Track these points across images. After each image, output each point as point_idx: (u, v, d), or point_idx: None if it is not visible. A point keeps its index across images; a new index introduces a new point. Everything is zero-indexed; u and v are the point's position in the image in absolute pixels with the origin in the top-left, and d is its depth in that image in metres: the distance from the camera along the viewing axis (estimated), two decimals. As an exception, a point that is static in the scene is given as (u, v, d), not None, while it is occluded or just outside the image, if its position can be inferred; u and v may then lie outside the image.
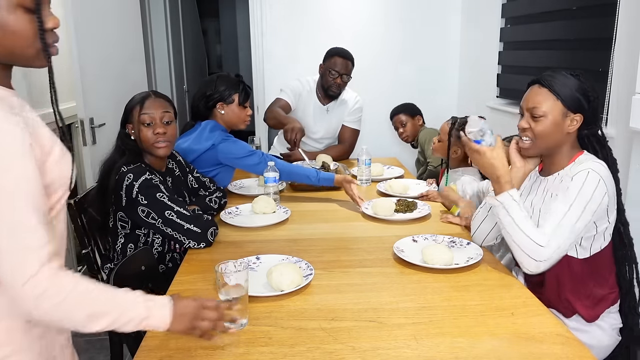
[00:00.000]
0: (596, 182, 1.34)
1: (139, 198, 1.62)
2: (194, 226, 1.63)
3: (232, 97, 2.18)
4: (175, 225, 1.62)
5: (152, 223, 1.63)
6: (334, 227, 1.90)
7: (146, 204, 1.62)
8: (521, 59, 2.88)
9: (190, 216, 1.64)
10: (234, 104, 2.20)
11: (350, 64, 2.81)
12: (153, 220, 1.63)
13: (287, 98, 2.83)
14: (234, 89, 2.19)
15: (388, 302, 1.31)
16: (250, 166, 2.17)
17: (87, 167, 2.55)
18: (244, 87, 2.22)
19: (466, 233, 1.77)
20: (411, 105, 3.06)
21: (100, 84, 2.67)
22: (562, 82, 1.40)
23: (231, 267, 1.21)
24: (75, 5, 2.40)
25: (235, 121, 2.23)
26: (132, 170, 1.65)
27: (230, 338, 1.15)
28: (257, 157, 2.16)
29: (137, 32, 3.29)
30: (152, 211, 1.62)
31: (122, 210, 1.68)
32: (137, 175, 1.64)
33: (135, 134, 1.72)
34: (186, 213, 1.64)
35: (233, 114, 2.21)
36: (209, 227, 1.67)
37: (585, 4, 2.30)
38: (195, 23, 6.13)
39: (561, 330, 1.17)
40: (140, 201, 1.62)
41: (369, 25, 3.61)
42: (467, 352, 1.09)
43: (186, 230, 1.63)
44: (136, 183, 1.62)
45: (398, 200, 2.01)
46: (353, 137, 3.00)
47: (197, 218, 1.66)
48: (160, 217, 1.62)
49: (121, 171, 1.64)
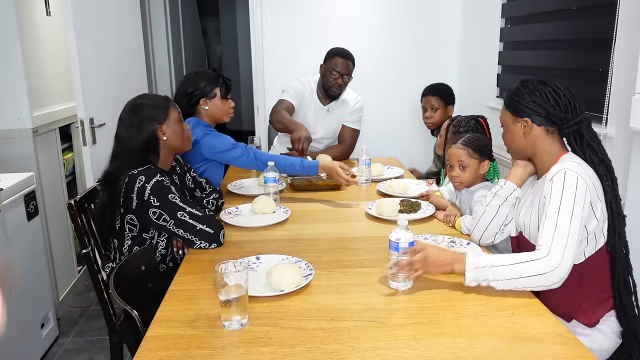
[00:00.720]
0: (574, 179, 1.34)
1: (151, 200, 1.62)
2: (206, 227, 1.64)
3: (214, 92, 2.20)
4: (187, 226, 1.62)
5: (163, 225, 1.63)
6: (334, 227, 1.90)
7: (158, 206, 1.63)
8: (521, 59, 2.88)
9: (202, 217, 1.65)
10: (217, 97, 2.21)
11: (350, 64, 2.81)
12: (164, 222, 1.63)
13: (290, 99, 2.83)
14: (215, 83, 2.21)
15: (388, 302, 1.31)
16: (233, 159, 2.18)
17: (87, 167, 2.55)
18: (223, 80, 2.24)
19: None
20: (449, 90, 2.88)
21: (100, 84, 2.67)
22: (512, 91, 1.50)
23: (231, 267, 1.21)
24: (75, 5, 2.40)
25: (220, 115, 2.25)
26: (143, 172, 1.65)
27: (230, 338, 1.15)
28: (240, 150, 2.17)
29: (137, 32, 3.29)
30: (164, 213, 1.63)
31: (132, 213, 1.68)
32: (149, 177, 1.64)
33: (170, 133, 1.76)
34: (198, 214, 1.65)
35: (217, 108, 2.22)
36: (221, 228, 1.68)
37: (585, 4, 2.30)
38: (195, 23, 6.13)
39: (561, 330, 1.17)
40: (152, 203, 1.62)
41: (369, 25, 3.61)
42: (467, 352, 1.09)
43: (198, 231, 1.63)
44: (148, 185, 1.63)
45: (402, 201, 2.01)
46: (353, 137, 3.00)
47: (209, 218, 1.67)
48: (172, 219, 1.62)
49: (131, 174, 1.64)
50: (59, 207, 2.88)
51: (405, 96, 3.71)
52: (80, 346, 2.57)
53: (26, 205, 2.36)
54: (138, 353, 1.10)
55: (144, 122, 1.72)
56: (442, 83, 2.92)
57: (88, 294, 3.09)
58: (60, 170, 2.96)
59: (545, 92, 1.44)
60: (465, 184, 1.88)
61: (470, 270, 1.33)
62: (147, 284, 1.61)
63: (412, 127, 3.70)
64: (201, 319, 1.23)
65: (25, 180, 2.37)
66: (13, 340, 2.19)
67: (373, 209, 1.99)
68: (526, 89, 1.46)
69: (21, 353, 2.26)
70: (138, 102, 1.78)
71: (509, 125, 1.52)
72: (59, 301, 2.83)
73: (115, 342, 1.70)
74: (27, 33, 2.62)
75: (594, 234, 1.41)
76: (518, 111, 1.47)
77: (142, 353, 1.10)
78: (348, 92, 2.97)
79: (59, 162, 2.95)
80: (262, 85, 3.66)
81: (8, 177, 2.31)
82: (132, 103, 1.78)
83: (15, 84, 2.52)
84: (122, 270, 1.51)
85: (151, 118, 1.73)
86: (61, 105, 2.95)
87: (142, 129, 1.71)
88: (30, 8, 2.68)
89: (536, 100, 1.44)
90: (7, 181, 2.25)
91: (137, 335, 1.31)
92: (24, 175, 2.38)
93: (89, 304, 3.00)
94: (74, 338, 2.64)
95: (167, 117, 1.76)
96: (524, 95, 1.46)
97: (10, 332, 2.17)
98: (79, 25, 2.43)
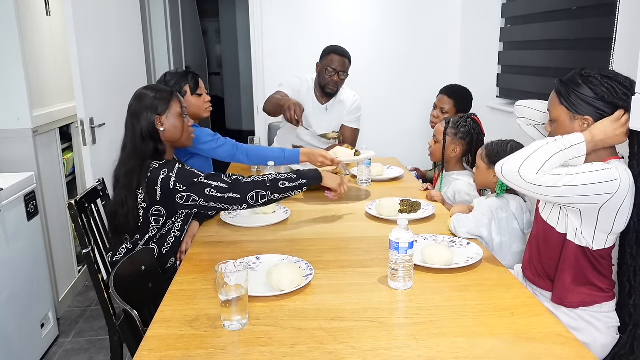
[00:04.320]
0: (607, 175, 1.32)
1: (177, 187, 1.67)
2: (232, 193, 1.68)
3: (183, 90, 2.20)
4: (216, 198, 1.68)
5: (192, 205, 1.69)
6: (334, 227, 1.90)
7: (185, 189, 1.67)
8: (521, 59, 2.88)
9: (227, 187, 1.68)
10: (187, 95, 2.20)
11: (347, 61, 2.81)
12: (194, 202, 1.69)
13: (285, 91, 2.83)
14: (183, 80, 2.20)
15: (388, 302, 1.31)
16: (213, 149, 2.20)
17: (87, 167, 2.55)
18: (193, 76, 2.23)
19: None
20: (466, 98, 2.74)
21: (100, 84, 2.67)
22: (572, 85, 1.42)
23: (231, 267, 1.21)
24: (75, 6, 2.40)
25: (196, 111, 2.24)
26: (163, 165, 1.70)
27: (230, 338, 1.15)
28: (221, 141, 2.20)
29: (137, 32, 3.29)
30: (192, 194, 1.68)
31: (157, 204, 1.72)
32: (171, 167, 1.70)
33: (168, 125, 1.77)
34: (223, 186, 1.68)
35: (191, 105, 2.21)
36: (249, 191, 1.69)
37: (585, 4, 2.30)
38: (195, 23, 6.13)
39: (561, 330, 1.17)
40: (178, 189, 1.68)
41: (369, 25, 3.61)
42: (467, 352, 1.09)
43: (227, 199, 1.68)
44: (172, 174, 1.68)
45: (402, 201, 2.01)
46: (354, 136, 3.01)
47: (235, 184, 1.69)
48: (201, 197, 1.67)
49: (152, 168, 1.69)
50: (59, 207, 2.88)
51: (405, 96, 3.71)
52: (80, 346, 2.57)
53: (26, 205, 2.36)
54: (138, 353, 1.10)
55: (145, 110, 1.76)
56: (463, 88, 2.81)
57: (88, 294, 3.09)
58: (60, 170, 2.96)
59: (612, 86, 1.37)
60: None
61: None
62: (147, 284, 1.62)
63: (412, 127, 3.70)
64: (201, 319, 1.23)
65: (25, 180, 2.37)
66: (13, 340, 2.19)
67: (373, 209, 1.99)
68: (589, 83, 1.39)
69: (21, 353, 2.26)
70: (143, 91, 1.82)
71: (563, 121, 1.43)
72: (59, 301, 2.83)
73: (115, 342, 1.70)
74: (27, 33, 2.62)
75: (606, 234, 1.41)
76: (579, 108, 1.40)
77: (142, 353, 1.10)
78: (346, 91, 2.97)
79: (59, 162, 2.95)
80: (262, 85, 3.66)
81: (8, 177, 2.31)
82: (138, 92, 1.82)
83: (15, 84, 2.52)
84: (122, 270, 1.51)
85: (151, 107, 1.76)
86: (61, 105, 2.94)
87: (142, 118, 1.75)
88: (30, 8, 2.68)
89: (604, 97, 1.37)
90: (7, 181, 2.25)
91: (137, 335, 1.31)
92: (24, 175, 2.38)
93: (89, 304, 3.00)
94: (74, 338, 2.64)
95: (167, 109, 1.78)
96: (586, 91, 1.38)
97: (10, 332, 2.17)
98: (79, 26, 2.43)
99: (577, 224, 1.42)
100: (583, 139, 1.38)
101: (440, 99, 2.72)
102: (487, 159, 1.85)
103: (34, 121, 2.60)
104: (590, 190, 1.32)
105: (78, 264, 3.18)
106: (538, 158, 1.36)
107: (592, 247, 1.42)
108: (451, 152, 2.19)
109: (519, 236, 1.81)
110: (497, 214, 1.76)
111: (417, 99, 3.66)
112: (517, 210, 1.79)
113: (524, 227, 1.81)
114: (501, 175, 1.42)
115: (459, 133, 2.16)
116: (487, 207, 1.77)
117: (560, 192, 1.34)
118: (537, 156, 1.36)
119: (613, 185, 1.32)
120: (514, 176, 1.37)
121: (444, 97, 2.71)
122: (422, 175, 2.89)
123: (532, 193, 1.38)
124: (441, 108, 2.70)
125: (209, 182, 1.69)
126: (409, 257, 1.35)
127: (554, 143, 1.38)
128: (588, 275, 1.45)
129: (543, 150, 1.37)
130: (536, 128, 1.72)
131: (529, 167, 1.35)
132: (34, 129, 2.61)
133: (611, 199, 1.33)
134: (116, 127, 1.81)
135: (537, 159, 1.36)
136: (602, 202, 1.34)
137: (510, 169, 1.38)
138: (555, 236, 1.48)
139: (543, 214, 1.52)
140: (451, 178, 2.21)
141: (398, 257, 1.35)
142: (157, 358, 1.08)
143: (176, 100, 1.82)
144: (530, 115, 1.72)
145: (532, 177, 1.34)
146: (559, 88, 1.45)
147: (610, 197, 1.33)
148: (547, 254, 1.52)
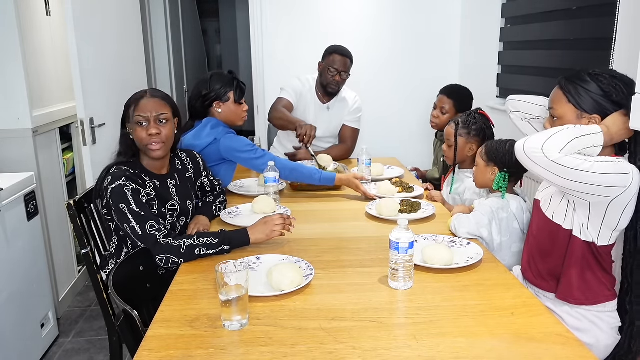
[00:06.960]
0: (621, 167, 1.32)
1: (110, 202, 1.61)
2: (140, 243, 1.57)
3: (227, 95, 2.20)
4: (130, 237, 1.60)
5: (124, 227, 1.60)
6: (334, 227, 1.90)
7: (114, 210, 1.60)
8: (521, 59, 2.88)
9: (142, 235, 1.56)
10: (230, 101, 2.22)
11: (348, 61, 2.81)
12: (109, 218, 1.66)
13: (288, 97, 2.84)
14: (229, 86, 2.21)
15: (388, 302, 1.31)
16: (250, 160, 2.19)
17: (87, 167, 2.55)
18: (238, 83, 2.24)
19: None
20: (466, 99, 2.71)
21: (100, 84, 2.67)
22: (580, 84, 1.41)
23: (231, 267, 1.21)
24: (75, 6, 2.40)
25: (233, 118, 2.26)
26: (115, 173, 1.64)
27: (231, 338, 1.15)
28: (259, 152, 2.19)
29: (137, 32, 3.29)
30: (115, 218, 1.61)
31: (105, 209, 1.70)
32: (114, 179, 1.61)
33: (133, 134, 1.72)
34: (139, 232, 1.56)
35: (230, 112, 2.23)
36: (159, 253, 1.55)
37: (585, 4, 2.30)
38: (195, 23, 6.13)
39: (561, 330, 1.17)
40: (111, 204, 1.61)
41: (369, 25, 3.61)
42: (467, 352, 1.09)
43: (137, 246, 1.58)
44: (110, 187, 1.60)
45: (402, 201, 2.01)
46: (354, 136, 3.01)
47: (147, 238, 1.56)
48: (123, 225, 1.59)
49: (108, 171, 1.67)
50: (59, 207, 2.88)
51: (405, 96, 3.71)
52: (80, 346, 2.57)
53: (26, 205, 2.36)
54: (138, 353, 1.10)
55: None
56: (463, 88, 2.77)
57: (88, 294, 3.09)
58: (60, 170, 2.96)
59: (620, 86, 1.36)
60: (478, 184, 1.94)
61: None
62: (146, 284, 1.61)
63: (412, 127, 3.70)
64: (201, 319, 1.23)
65: (25, 180, 2.37)
66: (13, 340, 2.19)
67: (373, 209, 1.99)
68: (599, 82, 1.38)
69: (21, 353, 2.25)
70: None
71: (570, 119, 1.42)
72: (59, 301, 2.83)
73: (115, 342, 1.70)
74: (27, 33, 2.62)
75: (610, 229, 1.40)
76: (587, 107, 1.39)
77: (142, 353, 1.10)
78: (347, 91, 2.98)
79: (59, 162, 2.95)
80: (262, 85, 3.66)
81: (8, 177, 2.31)
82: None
83: (15, 84, 2.52)
84: (120, 270, 1.51)
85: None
86: (61, 105, 2.94)
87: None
88: (30, 8, 2.68)
89: (612, 96, 1.37)
90: (7, 181, 2.25)
91: (137, 335, 1.31)
92: (24, 175, 2.38)
93: (89, 304, 3.00)
94: (74, 338, 2.64)
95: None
96: (596, 90, 1.37)
97: (10, 332, 2.17)
98: (79, 26, 2.43)
99: (584, 219, 1.41)
100: (600, 130, 1.37)
101: (440, 99, 2.70)
102: (486, 156, 1.85)
103: (34, 121, 2.60)
104: (606, 180, 1.31)
105: (78, 264, 3.18)
106: (561, 138, 1.34)
107: (597, 242, 1.42)
108: (468, 151, 2.16)
109: (519, 236, 1.81)
110: (497, 214, 1.76)
111: (417, 99, 3.66)
112: (518, 211, 1.79)
113: (524, 227, 1.81)
114: (522, 152, 1.38)
115: (471, 132, 2.14)
116: (487, 207, 1.76)
117: (579, 177, 1.31)
118: (560, 137, 1.34)
119: (627, 179, 1.32)
120: (537, 153, 1.34)
121: (444, 97, 2.69)
122: (422, 175, 2.89)
123: (549, 173, 1.34)
124: (441, 108, 2.68)
125: (129, 218, 1.56)
126: (409, 257, 1.35)
127: (573, 128, 1.37)
128: (594, 271, 1.45)
129: (564, 132, 1.36)
130: (530, 123, 1.70)
131: (553, 145, 1.32)
132: (34, 129, 2.61)
133: (623, 192, 1.33)
134: (116, 127, 1.81)
135: (559, 139, 1.34)
136: (614, 195, 1.33)
137: (533, 145, 1.35)
138: (562, 233, 1.47)
139: (547, 212, 1.51)
140: (464, 175, 2.19)
141: (398, 257, 1.35)
142: (157, 358, 1.08)
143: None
144: (526, 109, 1.70)
145: (556, 156, 1.31)
146: (566, 86, 1.44)
147: (622, 191, 1.33)
148: (552, 253, 1.52)
